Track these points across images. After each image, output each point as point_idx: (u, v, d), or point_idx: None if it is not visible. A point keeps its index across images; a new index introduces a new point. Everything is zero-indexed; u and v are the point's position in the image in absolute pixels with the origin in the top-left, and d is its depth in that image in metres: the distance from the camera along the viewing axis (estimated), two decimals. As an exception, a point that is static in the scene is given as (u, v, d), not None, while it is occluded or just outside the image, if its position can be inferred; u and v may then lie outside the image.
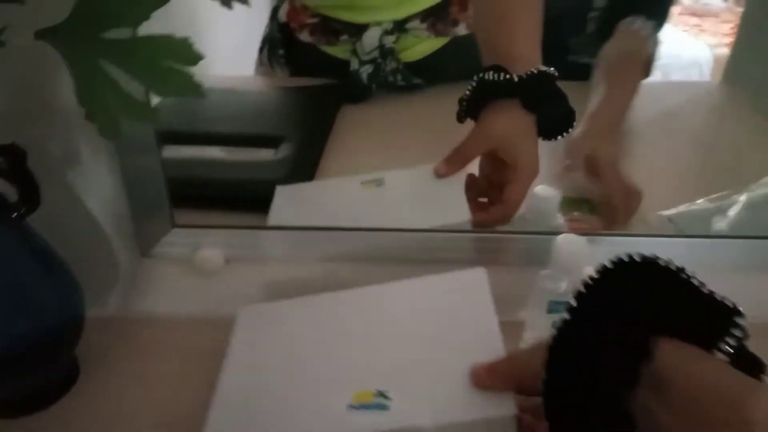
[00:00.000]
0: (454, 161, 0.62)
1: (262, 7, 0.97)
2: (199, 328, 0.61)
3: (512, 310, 0.59)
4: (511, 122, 0.59)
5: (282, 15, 0.91)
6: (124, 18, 0.29)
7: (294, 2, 0.90)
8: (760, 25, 0.95)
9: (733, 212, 0.69)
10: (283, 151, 0.73)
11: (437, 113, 0.85)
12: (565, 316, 0.36)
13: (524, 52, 0.60)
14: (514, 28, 0.62)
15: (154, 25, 0.32)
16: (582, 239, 0.50)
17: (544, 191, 0.55)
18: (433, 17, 0.86)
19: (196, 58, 0.30)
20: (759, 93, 0.91)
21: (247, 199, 0.68)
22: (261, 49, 0.98)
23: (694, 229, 0.67)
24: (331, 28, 0.88)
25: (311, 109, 0.85)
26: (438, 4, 0.86)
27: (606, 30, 0.86)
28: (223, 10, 0.41)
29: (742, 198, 0.70)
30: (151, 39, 0.29)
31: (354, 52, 0.86)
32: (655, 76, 0.96)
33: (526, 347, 0.42)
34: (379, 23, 0.85)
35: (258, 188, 0.68)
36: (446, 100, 0.87)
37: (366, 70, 0.85)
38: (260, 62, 0.98)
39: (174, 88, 0.29)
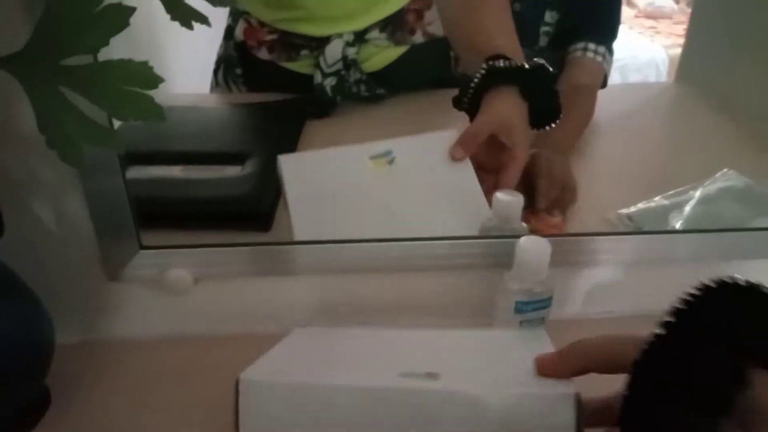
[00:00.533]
0: (467, 144, 0.65)
1: (219, 25, 0.97)
2: (170, 349, 0.61)
3: (482, 312, 0.60)
4: (512, 108, 0.64)
5: (239, 33, 0.91)
6: (83, 45, 0.29)
7: (250, 20, 0.90)
8: (708, 25, 0.99)
9: (688, 208, 0.71)
10: (249, 167, 0.74)
11: (401, 123, 0.86)
12: (658, 331, 0.34)
13: (518, 48, 0.67)
14: (507, 27, 0.68)
15: (114, 46, 0.32)
16: (544, 241, 0.52)
17: (506, 195, 0.57)
18: (391, 26, 0.88)
19: (155, 81, 0.30)
20: (710, 91, 0.95)
21: (215, 216, 0.68)
22: (216, 70, 0.97)
23: (653, 225, 0.69)
24: (290, 43, 0.89)
25: (275, 124, 0.85)
26: (395, 14, 0.87)
27: (556, 47, 0.90)
28: (182, 28, 0.42)
29: (697, 194, 0.73)
30: (110, 64, 0.30)
31: (317, 66, 0.87)
32: (614, 77, 1.00)
33: (596, 342, 0.39)
34: (340, 35, 0.86)
35: (224, 205, 0.68)
36: (409, 110, 0.89)
37: (330, 83, 0.86)
38: (216, 83, 0.98)
39: (135, 112, 0.30)
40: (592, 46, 0.86)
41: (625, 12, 2.77)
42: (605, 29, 0.88)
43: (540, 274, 0.53)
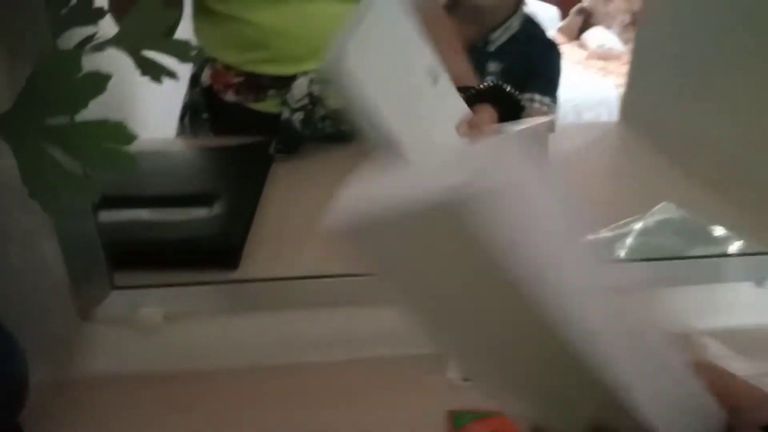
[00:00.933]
0: (473, 128, 0.70)
1: (184, 72, 1.01)
2: (142, 386, 0.63)
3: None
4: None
5: (205, 79, 0.95)
6: (65, 107, 0.33)
7: (216, 65, 0.94)
8: (647, 68, 1.07)
9: (630, 239, 0.77)
10: (217, 208, 0.77)
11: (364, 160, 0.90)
12: None
13: (472, 74, 0.80)
14: (461, 57, 0.82)
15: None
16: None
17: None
18: None
19: (130, 138, 0.34)
20: (651, 130, 1.02)
21: (185, 256, 0.71)
22: (182, 117, 1.01)
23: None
24: (257, 84, 0.93)
25: (242, 166, 0.89)
26: None
27: None
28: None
29: (638, 226, 0.79)
30: (90, 124, 0.33)
31: (284, 103, 0.91)
32: (569, 116, 1.06)
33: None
34: (305, 73, 0.91)
35: (194, 246, 0.72)
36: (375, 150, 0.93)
37: (298, 117, 0.90)
38: (182, 130, 1.01)
39: (111, 166, 0.34)
40: (537, 97, 0.93)
41: (577, 54, 2.92)
42: (548, 81, 0.95)
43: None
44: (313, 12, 0.88)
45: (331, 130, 0.93)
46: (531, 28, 1.00)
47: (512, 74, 0.96)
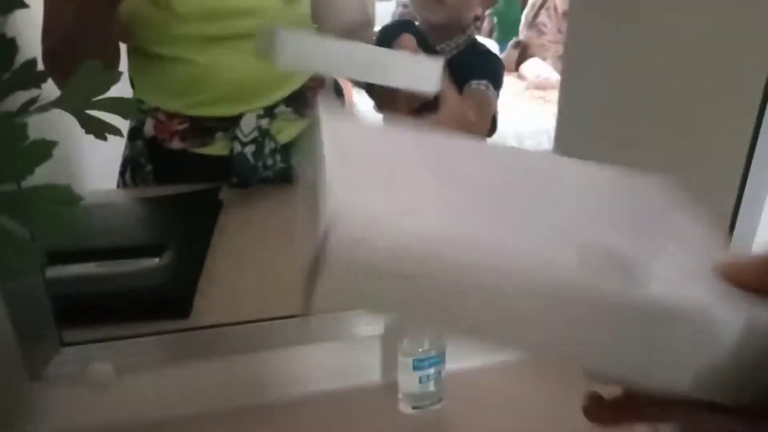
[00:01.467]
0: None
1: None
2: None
3: (388, 372, 0.66)
4: None
5: (148, 130, 0.95)
6: (11, 175, 0.35)
7: (158, 116, 0.94)
8: (575, 96, 1.13)
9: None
10: (167, 258, 0.78)
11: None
12: None
13: None
14: None
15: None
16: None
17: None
18: (295, 101, 0.97)
19: (77, 200, 0.36)
20: (582, 157, 1.08)
21: (135, 308, 0.71)
22: (123, 172, 1.00)
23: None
24: (203, 127, 0.94)
25: (190, 213, 0.90)
26: (297, 91, 0.98)
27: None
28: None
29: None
30: (37, 189, 0.35)
31: (234, 139, 0.93)
32: (510, 143, 1.11)
33: None
34: (251, 110, 0.93)
35: (144, 297, 0.72)
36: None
37: (249, 150, 0.92)
38: (123, 184, 1.00)
39: (60, 229, 0.35)
40: (475, 81, 1.02)
41: (517, 84, 3.03)
42: (486, 72, 1.04)
43: (432, 334, 0.60)
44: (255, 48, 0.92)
45: (282, 164, 0.95)
46: (476, 45, 1.11)
47: (460, 75, 1.04)
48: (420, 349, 0.60)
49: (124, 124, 0.98)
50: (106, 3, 0.77)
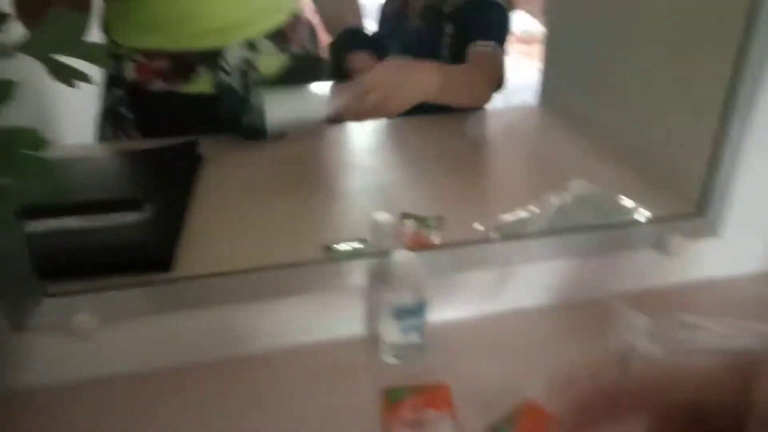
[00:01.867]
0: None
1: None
2: (80, 393, 0.64)
3: (371, 324, 0.67)
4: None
5: (129, 74, 0.93)
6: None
7: (138, 58, 0.92)
8: (559, 50, 1.12)
9: (548, 216, 0.82)
10: (148, 211, 0.77)
11: (295, 156, 0.92)
12: None
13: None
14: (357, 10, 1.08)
15: None
16: (413, 254, 0.60)
17: (381, 217, 0.64)
18: (276, 37, 0.98)
19: (43, 143, 0.35)
20: (565, 113, 1.08)
21: (117, 263, 0.71)
22: (102, 123, 0.98)
23: (518, 233, 0.78)
24: (185, 64, 0.93)
25: (171, 167, 0.89)
26: (278, 26, 0.98)
27: (456, 54, 1.04)
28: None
29: (554, 203, 0.83)
30: (2, 132, 0.34)
31: (221, 69, 0.93)
32: (497, 101, 1.11)
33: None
34: (236, 43, 0.93)
35: (126, 252, 0.72)
36: (302, 145, 0.95)
37: (236, 81, 0.93)
38: (102, 136, 0.99)
39: (28, 173, 0.34)
40: (481, 42, 1.03)
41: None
42: (490, 31, 1.05)
43: (413, 283, 0.60)
44: None
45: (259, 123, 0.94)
46: None
47: (465, 32, 1.05)
48: (402, 300, 0.60)
49: (98, 75, 0.96)
50: None
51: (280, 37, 0.99)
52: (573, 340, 0.70)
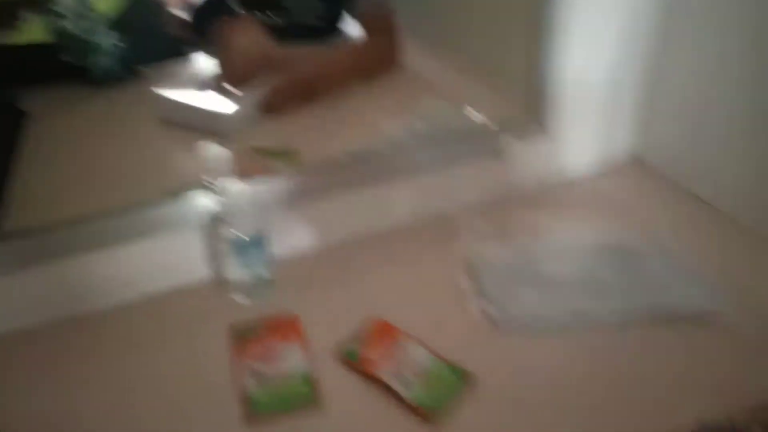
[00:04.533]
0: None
1: None
2: None
3: (218, 265, 0.65)
4: None
5: None
6: None
7: None
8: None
9: (399, 137, 0.82)
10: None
11: (128, 103, 0.87)
12: None
13: None
14: None
15: None
16: (249, 186, 0.57)
17: (215, 149, 0.60)
18: None
19: None
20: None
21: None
22: None
23: (368, 157, 0.78)
24: (7, 11, 0.84)
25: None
26: None
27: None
28: None
29: (407, 123, 0.83)
30: None
31: (53, 14, 0.84)
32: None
33: None
34: None
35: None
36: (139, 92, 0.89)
37: (70, 24, 0.85)
38: None
39: None
40: None
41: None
42: None
43: (252, 218, 0.58)
44: None
45: (112, 41, 0.88)
46: None
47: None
48: (240, 234, 0.58)
49: None
50: None
51: None
52: (423, 257, 0.71)
